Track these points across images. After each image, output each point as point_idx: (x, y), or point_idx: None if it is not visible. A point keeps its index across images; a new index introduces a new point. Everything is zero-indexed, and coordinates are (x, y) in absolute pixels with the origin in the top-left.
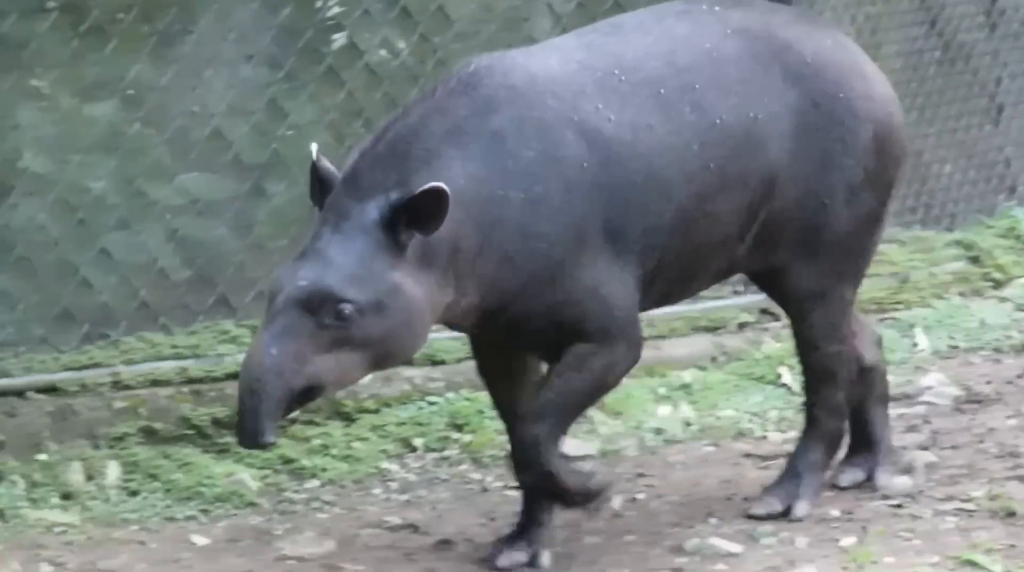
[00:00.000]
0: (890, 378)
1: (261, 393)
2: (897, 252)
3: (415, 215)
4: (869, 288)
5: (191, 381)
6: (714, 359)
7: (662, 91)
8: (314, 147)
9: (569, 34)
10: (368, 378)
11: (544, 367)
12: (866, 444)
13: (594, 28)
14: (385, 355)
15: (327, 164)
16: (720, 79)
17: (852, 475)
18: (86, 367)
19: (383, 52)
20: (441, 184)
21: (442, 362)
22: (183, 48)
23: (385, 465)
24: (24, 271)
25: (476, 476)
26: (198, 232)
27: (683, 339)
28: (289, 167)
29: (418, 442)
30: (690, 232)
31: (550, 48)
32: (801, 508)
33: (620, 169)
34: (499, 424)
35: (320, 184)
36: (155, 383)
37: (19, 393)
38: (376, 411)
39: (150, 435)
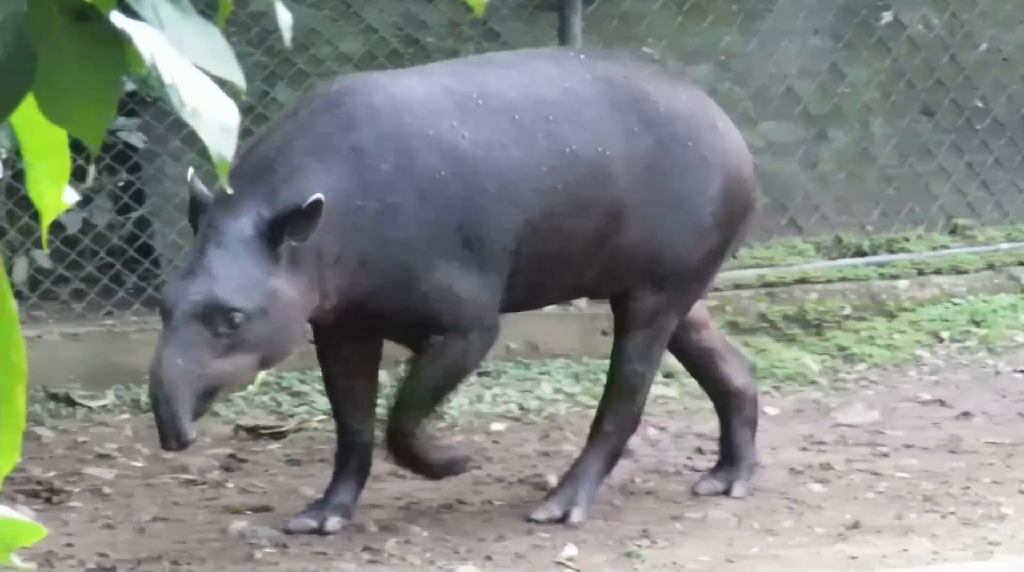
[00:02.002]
0: None
1: (174, 401)
2: None
3: (295, 226)
4: None
5: (767, 285)
6: None
7: (517, 117)
8: (190, 172)
9: (441, 63)
10: (896, 285)
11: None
12: (730, 460)
13: (466, 60)
14: (271, 354)
15: (200, 186)
16: (575, 115)
17: (711, 485)
18: None
19: (921, 27)
20: (320, 196)
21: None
22: (764, 23)
23: (918, 352)
24: None
25: (991, 362)
26: (774, 168)
27: None
28: (846, 117)
29: (944, 334)
30: (541, 243)
31: (416, 73)
32: (577, 514)
33: (474, 179)
34: (1010, 319)
35: (194, 204)
36: (738, 286)
37: None
38: (912, 310)
39: (734, 327)
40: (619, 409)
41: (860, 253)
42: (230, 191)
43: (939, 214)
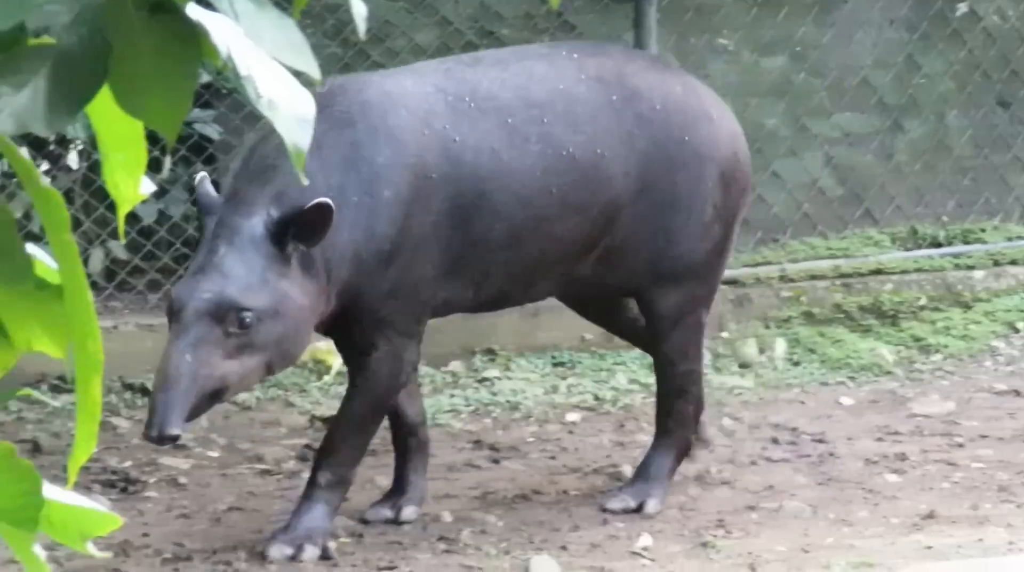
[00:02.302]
0: None
1: (173, 391)
2: None
3: (301, 229)
4: None
5: (842, 276)
6: None
7: (510, 120)
8: (200, 175)
9: (432, 61)
10: (971, 275)
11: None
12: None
13: (457, 58)
14: (280, 358)
15: (208, 187)
16: (569, 117)
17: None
18: (759, 264)
19: (996, 18)
20: (327, 200)
21: None
22: (839, 13)
23: (994, 343)
24: None
25: None
26: (849, 159)
27: None
28: (922, 108)
29: (1020, 325)
30: (521, 248)
31: (408, 71)
32: (652, 505)
33: (456, 185)
34: None
35: (202, 205)
36: (813, 277)
37: None
38: (988, 300)
39: (809, 318)
40: (676, 407)
41: (936, 244)
42: (305, 182)
43: (1015, 205)
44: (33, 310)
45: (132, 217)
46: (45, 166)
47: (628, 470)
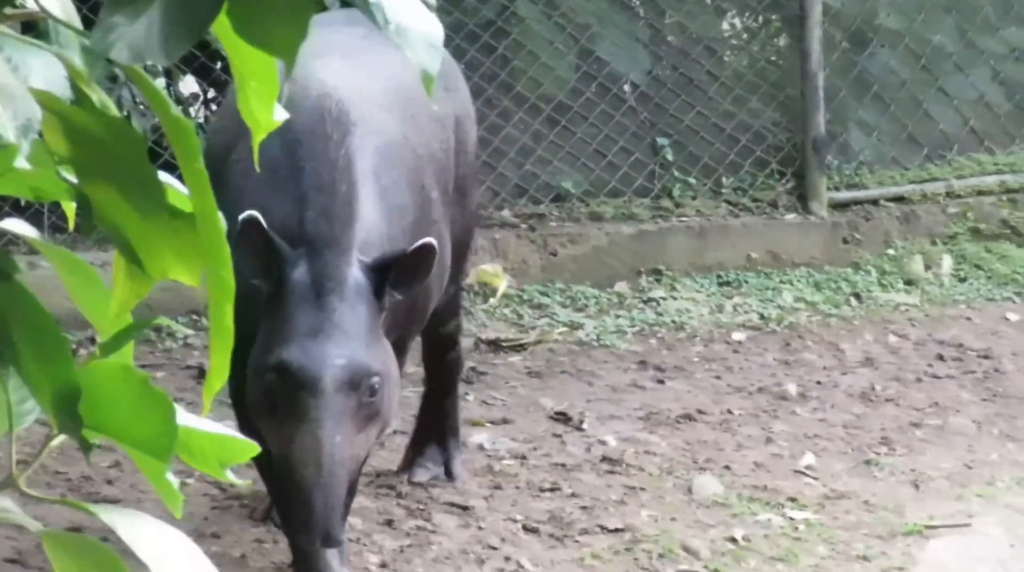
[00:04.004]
0: None
1: (334, 489)
2: None
3: (400, 276)
4: None
5: (1009, 191)
6: None
7: (413, 115)
8: (249, 214)
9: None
10: None
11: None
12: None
13: (329, 48)
14: (387, 423)
15: (269, 231)
16: (424, 107)
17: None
18: (926, 181)
19: None
20: (431, 241)
21: None
22: None
23: None
24: (879, 106)
25: None
26: (1017, 74)
27: None
28: None
29: None
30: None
31: (338, 54)
32: (456, 466)
33: (417, 177)
34: None
35: (273, 254)
36: (980, 193)
37: (874, 202)
38: None
39: (976, 234)
40: (449, 357)
41: None
42: (435, 106)
43: None
44: (166, 239)
45: None
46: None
47: (793, 389)
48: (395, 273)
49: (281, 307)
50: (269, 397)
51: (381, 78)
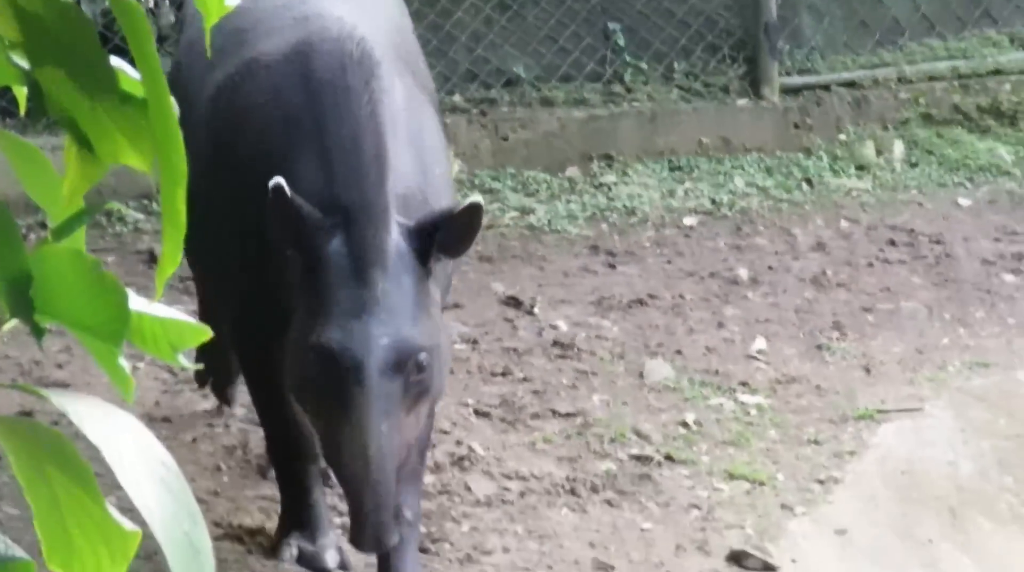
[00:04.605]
0: None
1: (386, 488)
2: None
3: (448, 237)
4: None
5: (961, 77)
6: None
7: None
8: (276, 181)
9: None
10: None
11: None
12: None
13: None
14: (434, 403)
15: (296, 197)
16: (410, 35)
17: None
18: (877, 67)
19: None
20: (478, 200)
21: None
22: None
23: None
24: None
25: None
26: None
27: None
28: None
29: None
30: None
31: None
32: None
33: None
34: None
35: (300, 218)
36: (931, 79)
37: (825, 87)
38: None
39: (927, 119)
40: None
41: None
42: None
43: None
44: (118, 123)
45: None
46: None
47: (744, 274)
48: (443, 235)
49: (319, 283)
50: (309, 382)
51: (381, 15)
